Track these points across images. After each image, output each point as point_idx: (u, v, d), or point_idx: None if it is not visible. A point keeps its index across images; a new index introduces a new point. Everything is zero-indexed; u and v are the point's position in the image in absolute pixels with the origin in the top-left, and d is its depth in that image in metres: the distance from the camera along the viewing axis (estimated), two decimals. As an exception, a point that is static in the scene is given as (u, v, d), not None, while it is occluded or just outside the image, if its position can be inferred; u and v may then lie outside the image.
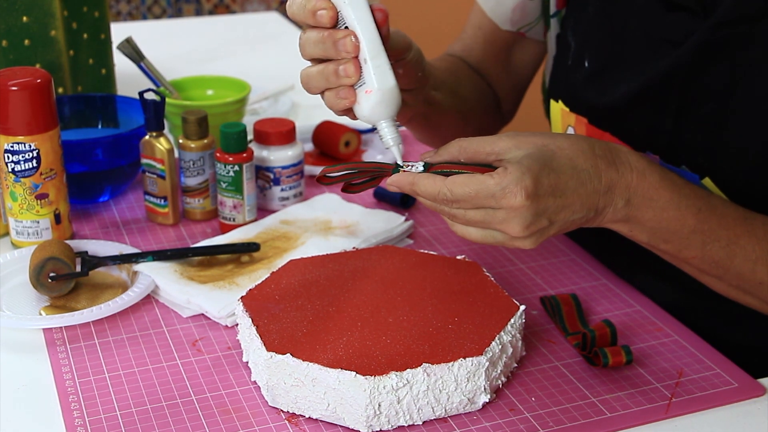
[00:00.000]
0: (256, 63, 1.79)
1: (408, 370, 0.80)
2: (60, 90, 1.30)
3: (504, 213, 0.78)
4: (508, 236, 0.80)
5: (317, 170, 1.28)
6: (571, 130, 1.06)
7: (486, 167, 0.81)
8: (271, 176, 1.18)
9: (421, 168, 0.82)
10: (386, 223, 1.13)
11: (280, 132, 1.17)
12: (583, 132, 1.04)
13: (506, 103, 1.26)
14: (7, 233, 1.12)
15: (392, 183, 0.83)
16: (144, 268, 1.02)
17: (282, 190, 1.19)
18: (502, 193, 0.77)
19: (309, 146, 1.37)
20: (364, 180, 0.88)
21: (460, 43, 1.23)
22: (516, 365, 0.90)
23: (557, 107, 1.07)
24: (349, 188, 0.88)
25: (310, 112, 1.54)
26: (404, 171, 0.83)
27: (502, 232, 0.80)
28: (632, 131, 0.98)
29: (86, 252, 1.04)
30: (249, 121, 1.43)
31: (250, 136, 1.23)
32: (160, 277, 1.01)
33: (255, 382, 0.88)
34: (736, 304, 0.93)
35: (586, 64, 1.03)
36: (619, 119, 0.99)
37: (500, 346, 0.85)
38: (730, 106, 0.91)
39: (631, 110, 0.98)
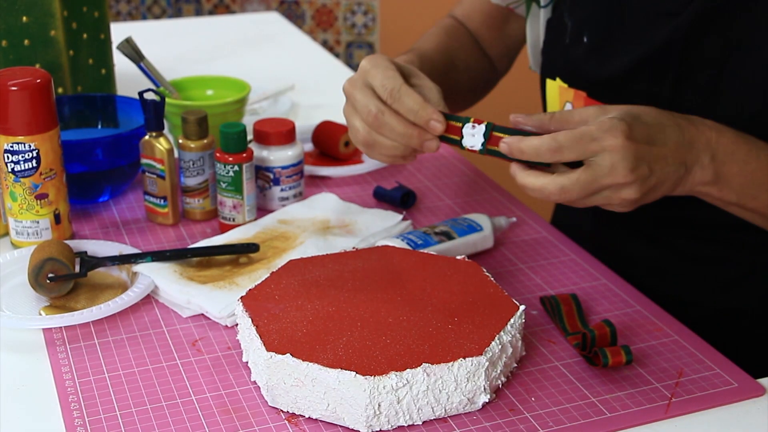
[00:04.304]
0: (256, 63, 1.79)
1: (408, 370, 0.80)
2: (60, 90, 1.30)
3: (608, 157, 0.82)
4: (615, 187, 0.84)
5: (317, 170, 1.28)
6: (569, 106, 1.08)
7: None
8: (271, 176, 1.18)
9: (484, 128, 0.90)
10: (384, 222, 1.13)
11: (279, 132, 1.17)
12: (581, 106, 1.06)
13: (500, 65, 1.32)
14: (7, 233, 1.12)
15: (505, 143, 0.87)
16: (143, 268, 1.02)
17: (282, 190, 1.19)
18: (603, 135, 0.82)
19: (309, 146, 1.37)
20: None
21: (461, 8, 1.29)
22: (516, 365, 0.90)
23: (554, 85, 1.10)
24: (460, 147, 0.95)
25: (310, 112, 1.54)
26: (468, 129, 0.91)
27: (609, 187, 0.84)
28: (631, 101, 1.01)
29: (86, 252, 1.04)
30: (249, 121, 1.43)
31: (249, 136, 1.23)
32: (160, 278, 1.01)
33: (255, 382, 0.88)
34: (730, 266, 0.96)
35: (585, 40, 1.07)
36: (618, 90, 1.03)
37: (500, 346, 0.85)
38: (726, 72, 0.95)
39: (630, 80, 1.02)
